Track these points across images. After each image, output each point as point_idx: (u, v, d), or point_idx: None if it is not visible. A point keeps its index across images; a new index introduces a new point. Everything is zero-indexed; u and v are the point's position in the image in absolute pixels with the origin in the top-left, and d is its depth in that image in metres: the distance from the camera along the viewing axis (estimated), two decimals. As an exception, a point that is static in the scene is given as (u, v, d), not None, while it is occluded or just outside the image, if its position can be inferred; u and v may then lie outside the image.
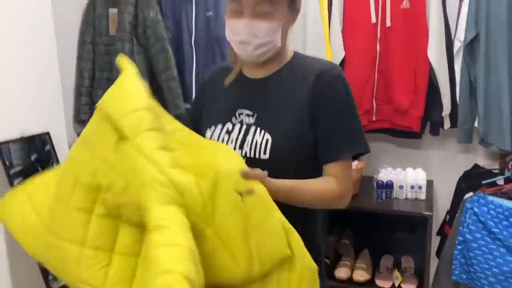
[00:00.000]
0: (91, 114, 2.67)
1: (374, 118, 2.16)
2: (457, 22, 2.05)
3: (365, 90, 2.13)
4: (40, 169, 2.27)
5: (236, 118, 1.12)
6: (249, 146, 1.08)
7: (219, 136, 1.12)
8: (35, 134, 2.24)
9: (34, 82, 2.25)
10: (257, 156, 1.06)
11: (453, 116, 2.06)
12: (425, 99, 2.05)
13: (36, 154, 2.26)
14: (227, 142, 1.11)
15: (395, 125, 2.14)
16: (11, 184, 2.05)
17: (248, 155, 1.07)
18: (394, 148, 2.37)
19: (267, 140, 1.06)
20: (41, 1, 2.27)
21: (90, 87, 2.55)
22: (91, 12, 2.52)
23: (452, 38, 2.06)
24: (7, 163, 2.08)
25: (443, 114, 2.04)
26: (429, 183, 2.18)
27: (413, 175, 2.09)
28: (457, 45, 2.02)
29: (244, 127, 1.10)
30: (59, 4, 2.37)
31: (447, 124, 2.09)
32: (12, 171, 2.09)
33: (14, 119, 2.15)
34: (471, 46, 1.97)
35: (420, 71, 2.02)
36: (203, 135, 1.15)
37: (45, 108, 2.31)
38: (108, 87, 2.76)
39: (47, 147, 2.32)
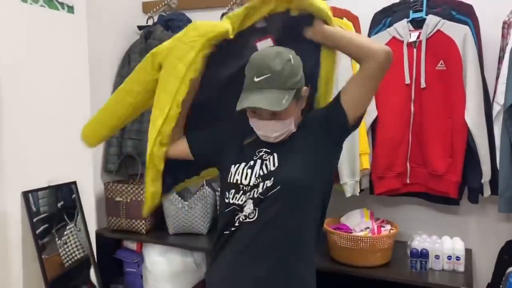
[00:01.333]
0: (119, 164, 2.74)
1: (408, 181, 2.06)
2: (495, 85, 1.98)
3: (398, 151, 2.05)
4: (65, 216, 2.28)
5: (256, 156, 1.38)
6: (261, 169, 1.35)
7: (242, 170, 1.37)
8: (63, 183, 2.27)
9: (66, 134, 2.29)
10: (266, 171, 1.33)
11: (493, 183, 1.94)
12: (463, 164, 1.94)
13: (62, 201, 2.28)
14: (250, 176, 1.35)
15: (431, 189, 2.04)
16: (34, 231, 2.05)
17: (261, 173, 1.34)
18: (430, 214, 2.25)
19: (277, 160, 1.34)
20: (79, 54, 2.36)
21: (120, 137, 2.58)
22: (126, 65, 2.59)
23: (491, 101, 1.98)
24: (34, 209, 2.10)
25: (482, 181, 1.93)
26: (468, 253, 2.03)
27: (450, 244, 1.95)
28: (497, 108, 1.94)
29: (263, 161, 1.36)
30: (95, 57, 2.46)
31: (487, 191, 1.97)
32: (36, 218, 2.10)
33: (44, 169, 2.19)
34: (511, 110, 1.88)
35: (457, 134, 1.93)
36: (224, 165, 1.45)
37: (74, 158, 2.35)
38: (137, 138, 2.84)
39: (73, 196, 2.33)
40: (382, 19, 2.16)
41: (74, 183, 2.34)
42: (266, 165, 1.35)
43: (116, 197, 2.46)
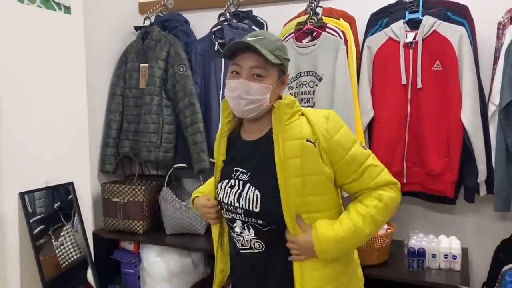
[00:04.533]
0: (116, 165, 2.74)
1: (405, 181, 2.07)
2: (491, 85, 1.99)
3: (395, 151, 2.06)
4: (62, 217, 2.28)
5: (233, 175, 1.36)
6: (244, 200, 1.31)
7: (225, 189, 1.37)
8: (60, 184, 2.27)
9: (63, 135, 2.29)
10: (251, 209, 1.30)
11: (489, 182, 1.96)
12: (459, 164, 1.96)
13: (59, 202, 2.27)
14: (229, 195, 1.35)
15: (427, 189, 2.05)
16: (31, 232, 2.05)
17: (244, 207, 1.31)
18: (426, 213, 2.27)
19: (257, 196, 1.30)
20: (76, 55, 2.36)
21: (117, 138, 2.57)
22: (122, 65, 2.59)
23: (486, 101, 2.00)
24: (30, 210, 2.10)
25: (478, 180, 1.94)
26: (464, 251, 2.05)
27: (447, 243, 1.96)
28: (492, 108, 1.95)
29: (241, 183, 1.33)
30: (92, 57, 2.46)
31: (483, 190, 1.98)
32: (33, 219, 2.10)
33: (41, 170, 2.18)
34: (507, 109, 1.89)
35: (454, 134, 1.95)
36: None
37: (71, 159, 2.35)
38: (134, 139, 2.83)
39: (70, 196, 2.33)
40: (378, 20, 2.17)
41: (71, 183, 2.33)
42: (243, 190, 1.33)
43: (113, 198, 2.45)
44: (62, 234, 2.21)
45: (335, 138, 1.28)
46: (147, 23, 2.62)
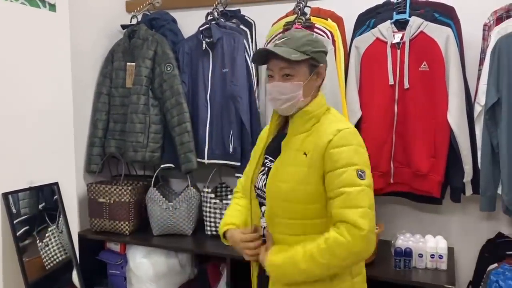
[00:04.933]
0: (102, 165, 2.71)
1: (392, 181, 2.08)
2: (477, 86, 2.01)
3: (382, 151, 2.07)
4: (46, 218, 2.25)
5: (265, 162, 1.47)
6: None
7: (258, 175, 1.48)
8: (44, 184, 2.23)
9: (48, 134, 2.26)
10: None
11: (475, 182, 1.98)
12: (446, 164, 1.97)
13: (44, 203, 2.24)
14: (259, 181, 1.46)
15: (414, 189, 2.06)
16: (14, 233, 2.01)
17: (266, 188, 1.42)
18: (413, 213, 2.28)
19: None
20: (61, 53, 2.33)
21: (103, 138, 2.55)
22: (109, 64, 2.56)
23: (472, 101, 2.02)
24: (14, 210, 2.06)
25: (464, 180, 1.96)
26: (450, 251, 2.06)
27: (433, 243, 1.97)
28: (478, 109, 1.97)
29: (267, 170, 1.44)
30: (78, 56, 2.43)
31: (468, 190, 2.00)
32: (17, 220, 2.06)
33: (25, 170, 2.15)
34: (492, 110, 1.91)
35: (440, 135, 1.96)
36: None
37: (57, 159, 2.31)
38: (120, 139, 2.80)
39: (55, 197, 2.30)
40: (366, 20, 2.17)
41: (56, 184, 2.30)
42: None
43: (99, 198, 2.42)
44: (47, 235, 2.19)
45: (332, 151, 1.30)
46: (134, 21, 2.59)
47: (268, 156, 1.46)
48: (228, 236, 1.51)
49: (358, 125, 2.12)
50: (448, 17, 2.02)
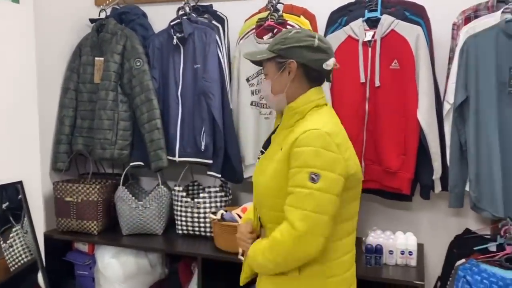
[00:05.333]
0: (69, 163, 2.64)
1: (363, 178, 2.08)
2: (446, 84, 2.04)
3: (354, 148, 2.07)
4: (11, 217, 2.17)
5: (259, 156, 1.54)
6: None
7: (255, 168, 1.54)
8: (8, 183, 2.16)
9: (11, 130, 2.17)
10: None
11: (444, 179, 2.01)
12: (416, 161, 1.99)
13: (7, 202, 2.17)
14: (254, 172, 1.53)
15: (385, 186, 2.07)
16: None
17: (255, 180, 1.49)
18: (384, 210, 2.30)
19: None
20: (25, 47, 2.24)
21: (70, 135, 2.48)
22: (76, 59, 2.49)
23: (442, 100, 2.04)
24: (-24, 211, 1.99)
25: (433, 177, 1.99)
26: (420, 247, 2.09)
27: (403, 240, 1.99)
28: (447, 107, 2.00)
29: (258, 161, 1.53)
30: (44, 50, 2.35)
31: (438, 187, 2.03)
32: (-21, 221, 1.99)
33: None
34: (461, 108, 1.94)
35: (410, 132, 1.97)
36: None
37: (21, 157, 2.24)
38: (88, 136, 2.71)
39: (20, 196, 2.22)
40: (338, 18, 2.17)
41: (20, 183, 2.22)
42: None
43: (66, 197, 2.35)
44: (11, 235, 2.12)
45: (294, 149, 1.33)
46: (103, 15, 2.52)
47: (263, 150, 1.52)
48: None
49: (330, 123, 2.12)
50: (418, 16, 2.04)
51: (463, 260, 1.88)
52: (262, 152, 1.53)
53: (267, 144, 1.52)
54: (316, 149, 1.30)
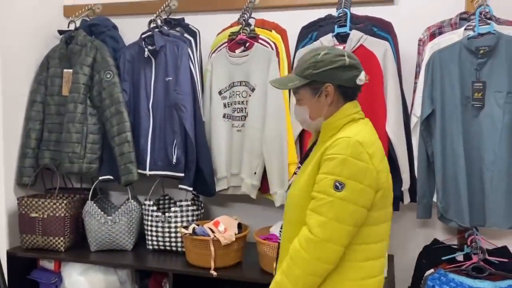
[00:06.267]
0: (35, 178, 2.55)
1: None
2: (413, 98, 2.10)
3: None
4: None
5: (296, 171, 1.54)
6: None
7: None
8: (-32, 199, 2.07)
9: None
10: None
11: (412, 191, 2.05)
12: (385, 173, 2.02)
13: (-32, 219, 2.07)
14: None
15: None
16: None
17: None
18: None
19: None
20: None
21: (36, 148, 2.40)
22: (44, 71, 2.44)
23: (409, 113, 2.10)
24: None
25: (402, 188, 2.02)
26: (390, 258, 2.12)
27: (374, 251, 2.01)
28: (414, 120, 2.06)
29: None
30: (9, 62, 2.29)
31: (406, 198, 2.06)
32: None
33: None
34: (427, 121, 2.00)
35: (380, 144, 2.01)
36: None
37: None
38: (55, 150, 2.63)
39: (-19, 212, 2.13)
40: (308, 33, 2.21)
41: (-18, 198, 2.13)
42: None
43: (31, 213, 2.27)
44: (-30, 253, 2.02)
45: (325, 157, 1.33)
46: (72, 27, 2.48)
47: (300, 165, 1.51)
48: None
49: (301, 135, 2.14)
50: (386, 31, 2.10)
51: (431, 270, 1.91)
52: (299, 167, 1.51)
53: (305, 158, 1.50)
54: (345, 158, 1.29)
